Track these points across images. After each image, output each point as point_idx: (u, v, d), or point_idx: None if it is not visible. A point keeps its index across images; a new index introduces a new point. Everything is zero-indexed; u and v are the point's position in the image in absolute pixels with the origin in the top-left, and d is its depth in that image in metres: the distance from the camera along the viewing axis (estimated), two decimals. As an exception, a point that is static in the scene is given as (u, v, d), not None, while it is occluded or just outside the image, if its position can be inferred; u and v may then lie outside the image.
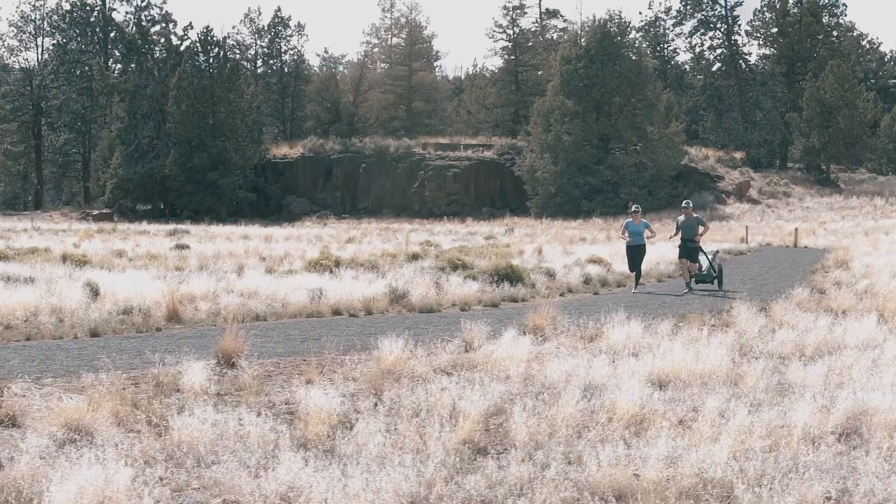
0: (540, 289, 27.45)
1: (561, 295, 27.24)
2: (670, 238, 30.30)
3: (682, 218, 28.96)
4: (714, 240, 59.97)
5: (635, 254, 28.91)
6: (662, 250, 40.24)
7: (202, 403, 9.88)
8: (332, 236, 61.30)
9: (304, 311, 20.70)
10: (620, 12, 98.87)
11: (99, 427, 9.07)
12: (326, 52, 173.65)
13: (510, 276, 27.79)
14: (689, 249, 28.35)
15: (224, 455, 8.22)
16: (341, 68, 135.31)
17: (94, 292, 20.83)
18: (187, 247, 42.55)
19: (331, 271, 28.16)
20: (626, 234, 29.03)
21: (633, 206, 29.72)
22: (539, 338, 15.99)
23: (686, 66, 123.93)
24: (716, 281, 29.02)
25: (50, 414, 9.41)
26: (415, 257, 35.54)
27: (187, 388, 11.33)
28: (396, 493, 7.08)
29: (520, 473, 7.88)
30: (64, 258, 29.83)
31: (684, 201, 29.96)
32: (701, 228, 28.71)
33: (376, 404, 10.40)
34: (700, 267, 28.71)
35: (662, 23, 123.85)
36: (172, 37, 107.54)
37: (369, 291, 23.01)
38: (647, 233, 28.99)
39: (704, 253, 29.56)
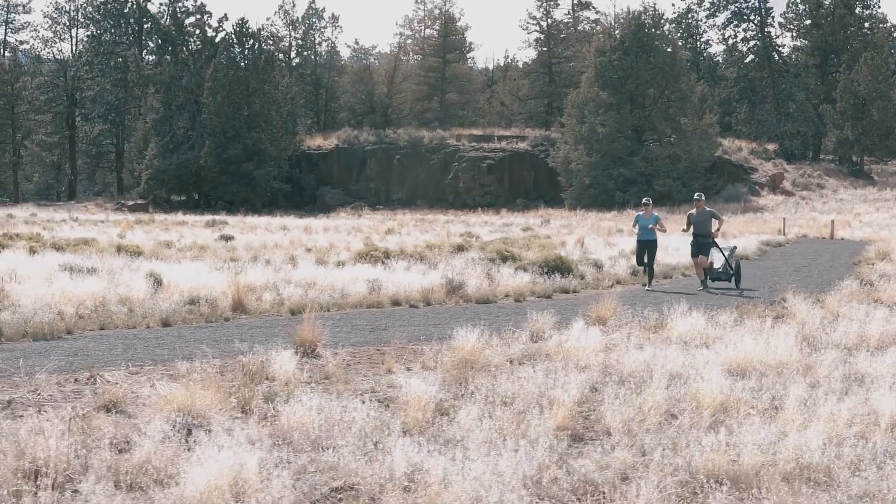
0: (589, 280, 27.70)
1: (611, 286, 27.48)
2: (683, 231, 28.29)
3: (693, 211, 27.25)
4: (750, 231, 60.11)
5: (645, 248, 27.22)
6: (676, 244, 39.84)
7: (308, 390, 10.20)
8: (370, 227, 61.67)
9: (364, 301, 21.01)
10: (655, 4, 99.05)
11: (210, 413, 9.40)
12: (357, 42, 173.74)
13: (559, 267, 28.04)
14: (702, 245, 26.67)
15: (338, 440, 8.54)
16: (372, 59, 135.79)
17: (157, 282, 21.23)
18: (232, 238, 42.97)
19: (382, 262, 28.49)
20: (637, 228, 27.51)
21: (644, 199, 27.91)
22: (605, 328, 16.22)
23: (718, 58, 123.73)
24: (733, 279, 27.35)
25: (160, 400, 9.75)
26: (460, 249, 35.83)
27: (278, 376, 11.64)
28: (515, 476, 7.37)
29: (624, 458, 8.17)
30: (118, 249, 30.27)
31: (696, 193, 28.04)
32: (715, 223, 26.96)
33: (473, 392, 10.70)
34: (712, 264, 26.96)
35: (695, 14, 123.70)
36: (207, 28, 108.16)
37: (425, 282, 23.31)
38: (658, 227, 27.20)
39: (720, 249, 27.69)
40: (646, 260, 27.31)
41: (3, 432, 8.54)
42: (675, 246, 38.87)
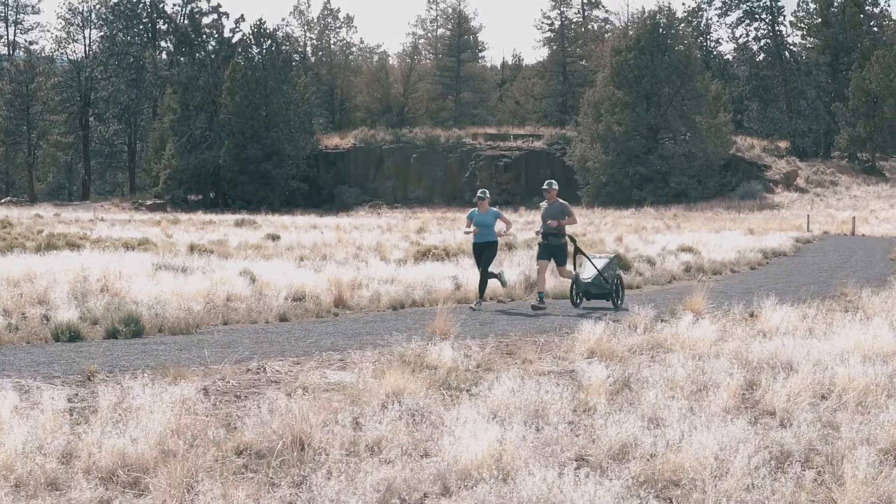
0: (648, 276, 28.58)
1: (668, 282, 28.41)
2: (537, 233, 21.55)
3: (544, 204, 21.33)
4: (772, 228, 60.89)
5: (482, 252, 21.18)
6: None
7: (512, 375, 11.15)
8: (396, 226, 62.51)
9: (451, 297, 21.89)
10: (669, 4, 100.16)
11: (419, 396, 10.37)
12: (362, 41, 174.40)
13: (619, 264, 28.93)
14: (552, 248, 20.73)
15: (550, 416, 9.51)
16: (377, 58, 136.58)
17: (252, 279, 22.20)
18: (278, 237, 43.85)
19: (442, 260, 29.43)
20: (471, 227, 21.35)
21: (480, 191, 21.94)
22: (702, 320, 17.10)
23: (728, 56, 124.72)
24: (615, 296, 21.15)
25: (374, 385, 10.72)
26: (508, 246, 36.71)
27: (439, 364, 12.56)
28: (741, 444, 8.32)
29: (809, 434, 9.11)
30: (191, 248, 31.24)
31: (546, 182, 21.58)
32: (564, 219, 20.85)
33: (639, 376, 11.64)
34: (578, 275, 21.15)
35: (704, 12, 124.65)
36: (224, 29, 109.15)
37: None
38: (498, 225, 21.58)
39: (587, 256, 21.73)
40: (480, 267, 21.36)
41: (249, 412, 9.51)
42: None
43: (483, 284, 21.09)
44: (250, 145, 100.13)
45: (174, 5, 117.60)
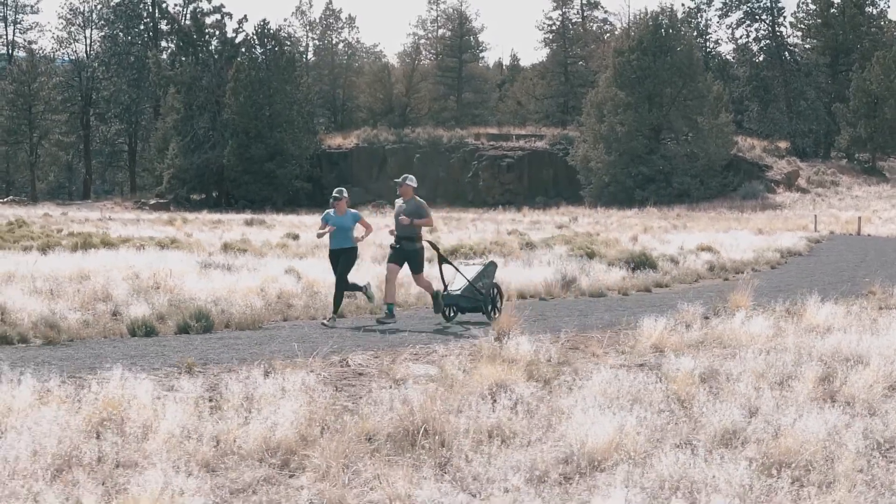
0: (675, 275, 29.10)
1: (695, 281, 28.98)
2: (391, 233, 18.71)
3: (399, 202, 18.69)
4: (778, 228, 61.52)
5: (337, 260, 18.41)
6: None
7: (590, 368, 11.70)
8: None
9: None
10: (672, 5, 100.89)
11: (519, 385, 10.92)
12: (359, 42, 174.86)
13: (644, 263, 29.53)
14: (406, 253, 18.22)
15: (652, 406, 10.06)
16: (373, 58, 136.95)
17: (298, 277, 22.72)
18: (297, 236, 44.31)
19: (470, 258, 29.94)
20: (326, 230, 18.50)
21: (336, 190, 18.86)
22: (757, 317, 17.63)
23: (728, 57, 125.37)
24: (491, 307, 18.61)
25: (469, 377, 11.27)
26: (529, 246, 37.28)
27: (516, 358, 13.08)
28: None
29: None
30: (224, 247, 31.75)
31: (402, 175, 19.14)
32: (421, 220, 18.29)
33: (728, 370, 12.19)
34: (447, 285, 18.58)
35: (704, 13, 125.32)
36: (227, 29, 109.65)
37: (535, 277, 24.79)
38: (357, 230, 18.65)
39: (454, 266, 19.13)
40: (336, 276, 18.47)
41: (361, 400, 10.05)
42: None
43: (339, 297, 18.15)
44: (254, 145, 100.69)
45: (175, 5, 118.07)
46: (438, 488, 7.46)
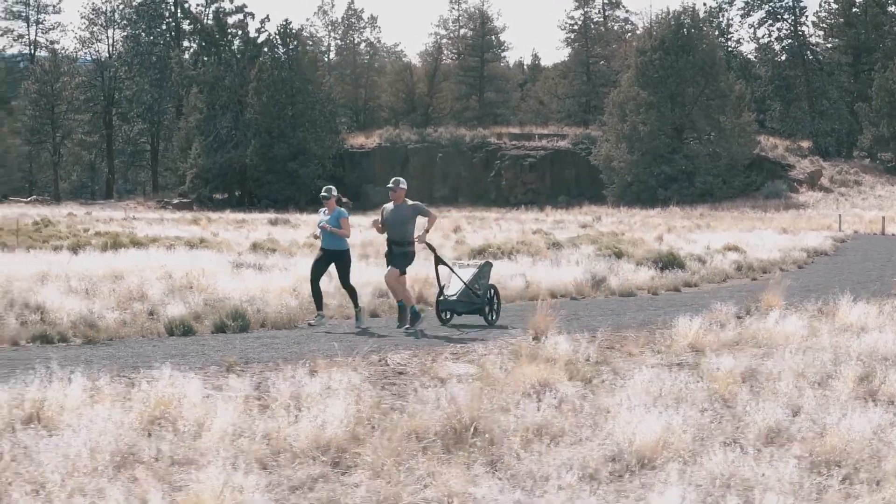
0: (703, 275, 29.11)
1: (723, 280, 29.02)
2: (381, 231, 18.17)
3: (389, 206, 17.92)
4: (802, 228, 61.39)
5: (326, 263, 18.10)
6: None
7: (629, 367, 11.78)
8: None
9: (524, 294, 22.54)
10: (694, 5, 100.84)
11: (562, 385, 11.02)
12: (379, 41, 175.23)
13: (672, 262, 29.58)
14: (397, 256, 17.59)
15: (695, 405, 10.15)
16: (393, 57, 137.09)
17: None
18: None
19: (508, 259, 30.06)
20: (319, 231, 18.27)
21: (325, 188, 18.52)
22: (791, 316, 17.66)
23: (750, 56, 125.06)
24: (488, 310, 18.24)
25: (517, 375, 11.38)
26: (556, 245, 37.32)
27: (556, 357, 13.17)
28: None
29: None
30: (254, 246, 31.93)
31: (392, 180, 18.10)
32: (425, 222, 18.17)
33: (769, 369, 12.26)
34: (443, 288, 18.27)
35: (726, 12, 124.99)
36: (249, 29, 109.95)
37: (565, 277, 24.87)
38: (342, 229, 17.87)
39: (450, 267, 18.77)
40: (326, 280, 18.62)
41: (407, 399, 10.16)
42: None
43: (318, 297, 18.06)
44: (277, 145, 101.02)
45: (198, 5, 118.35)
46: (493, 486, 7.55)
